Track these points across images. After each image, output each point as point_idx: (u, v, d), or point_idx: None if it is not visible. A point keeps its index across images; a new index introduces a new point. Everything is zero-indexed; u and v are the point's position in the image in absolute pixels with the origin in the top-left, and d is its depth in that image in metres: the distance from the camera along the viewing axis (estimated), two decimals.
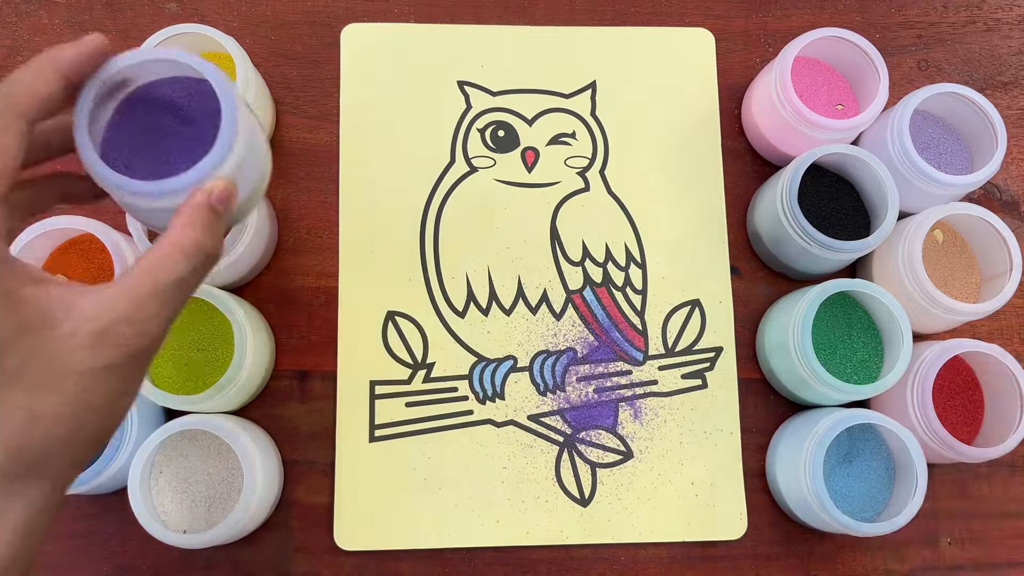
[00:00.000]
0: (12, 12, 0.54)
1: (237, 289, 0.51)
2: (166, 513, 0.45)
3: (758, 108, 0.53)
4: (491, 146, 0.53)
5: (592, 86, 0.54)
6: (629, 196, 0.53)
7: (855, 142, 0.52)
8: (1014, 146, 0.56)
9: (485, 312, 0.51)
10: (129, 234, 0.45)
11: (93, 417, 0.28)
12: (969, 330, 0.53)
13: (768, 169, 0.55)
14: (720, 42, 0.57)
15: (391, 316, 0.51)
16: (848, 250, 0.47)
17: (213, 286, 0.46)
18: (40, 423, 0.27)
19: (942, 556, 0.51)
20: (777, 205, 0.48)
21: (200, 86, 0.35)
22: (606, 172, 0.53)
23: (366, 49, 0.54)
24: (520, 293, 0.51)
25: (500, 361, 0.51)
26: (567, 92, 0.54)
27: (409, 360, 0.50)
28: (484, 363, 0.51)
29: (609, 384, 0.51)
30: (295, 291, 0.51)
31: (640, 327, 0.52)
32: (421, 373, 0.50)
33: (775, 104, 0.50)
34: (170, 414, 0.48)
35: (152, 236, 0.46)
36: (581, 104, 0.54)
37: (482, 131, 0.53)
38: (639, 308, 0.52)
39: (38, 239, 0.45)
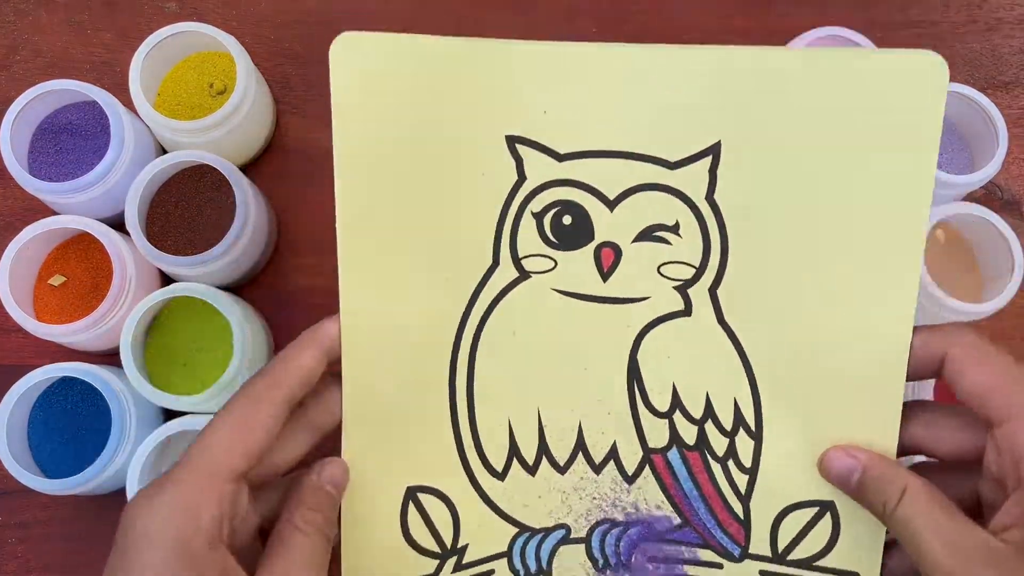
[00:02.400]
0: (11, 11, 0.54)
1: (236, 289, 0.51)
2: None
3: None
4: (552, 240, 0.36)
5: (713, 151, 0.35)
6: (750, 330, 0.36)
7: None
8: (1015, 145, 0.56)
9: (532, 470, 0.38)
10: (127, 233, 0.45)
11: None
12: None
13: None
14: (720, 41, 0.56)
15: (412, 494, 0.38)
16: None
17: (211, 285, 0.46)
18: None
19: None
20: None
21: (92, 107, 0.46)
22: (719, 291, 0.36)
23: (367, 72, 0.36)
24: (580, 445, 0.38)
25: (548, 531, 0.38)
26: (672, 159, 0.35)
27: (436, 548, 0.38)
28: (527, 535, 0.38)
29: (690, 572, 0.38)
30: (294, 291, 0.51)
31: (741, 515, 0.37)
32: (451, 561, 0.38)
33: None
34: (169, 414, 0.48)
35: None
36: (692, 180, 0.35)
37: (539, 216, 0.36)
38: (743, 491, 0.37)
39: (37, 239, 0.45)
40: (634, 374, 0.37)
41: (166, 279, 0.49)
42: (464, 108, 0.36)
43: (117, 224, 0.47)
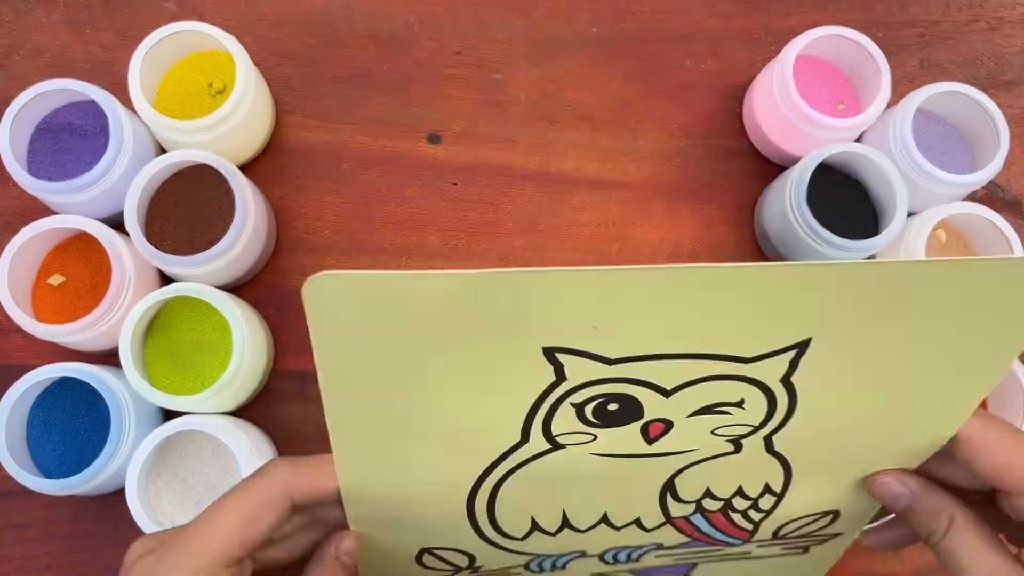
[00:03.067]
0: (10, 10, 0.54)
1: (235, 289, 0.51)
2: (164, 514, 0.45)
3: (759, 107, 0.53)
4: (594, 422, 0.32)
5: (801, 347, 0.30)
6: (798, 455, 0.35)
7: (857, 141, 0.52)
8: (1017, 145, 0.56)
9: (554, 535, 0.37)
10: (127, 233, 0.45)
11: None
12: None
13: (770, 168, 0.55)
14: (721, 40, 0.57)
15: (424, 552, 0.37)
16: (858, 249, 0.46)
17: (211, 286, 0.46)
18: None
19: None
20: (785, 205, 0.48)
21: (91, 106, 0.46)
22: (775, 437, 0.34)
23: (352, 312, 0.27)
24: (604, 520, 0.37)
25: (564, 554, 0.39)
26: (748, 355, 0.30)
27: (451, 569, 0.39)
28: (543, 557, 0.39)
29: (692, 554, 0.40)
30: (294, 291, 0.51)
31: (750, 529, 0.39)
32: (466, 571, 0.39)
33: (776, 103, 0.50)
34: (168, 415, 0.48)
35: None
36: (768, 369, 0.31)
37: (580, 406, 0.31)
38: (756, 521, 0.38)
39: (36, 239, 0.45)
40: (668, 487, 0.36)
41: (165, 279, 0.49)
42: (495, 327, 0.28)
43: (116, 224, 0.47)
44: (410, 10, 0.56)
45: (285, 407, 0.50)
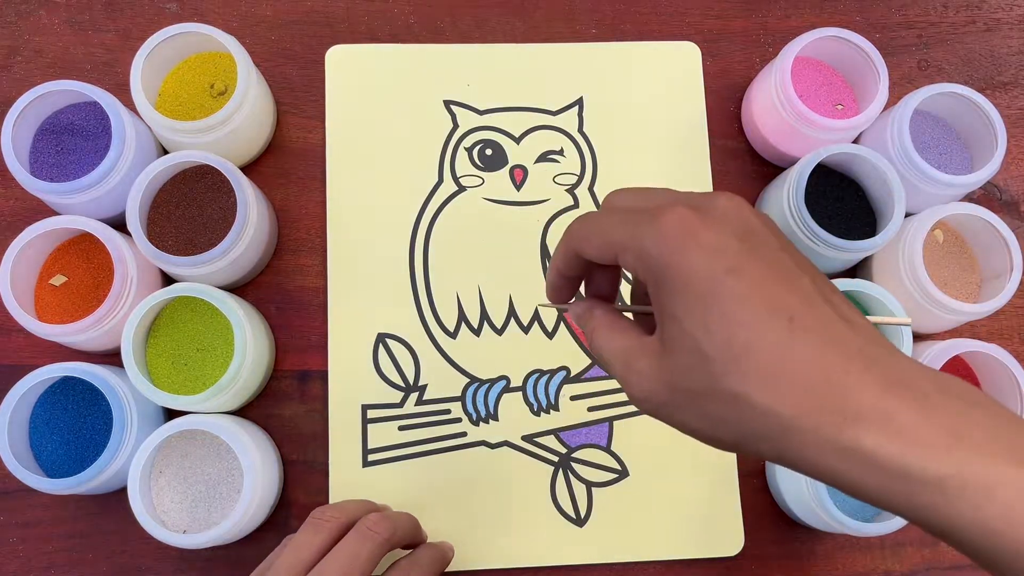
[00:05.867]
0: (12, 12, 0.54)
1: (237, 289, 0.51)
2: (166, 513, 0.45)
3: (758, 108, 0.53)
4: (479, 164, 0.53)
5: (579, 103, 0.54)
6: None
7: (855, 142, 0.52)
8: (1014, 146, 0.56)
9: (477, 332, 0.51)
10: (129, 234, 0.45)
11: None
12: (969, 330, 0.53)
13: (768, 169, 0.55)
14: (719, 42, 0.57)
15: (382, 339, 0.50)
16: (856, 250, 0.47)
17: (213, 286, 0.46)
18: None
19: (942, 556, 0.50)
20: (784, 205, 0.48)
21: (94, 107, 0.48)
22: (595, 189, 0.53)
23: (351, 71, 0.54)
24: (511, 312, 0.51)
25: (493, 382, 0.50)
26: (554, 109, 0.54)
27: (401, 383, 0.50)
28: (476, 384, 0.50)
29: (603, 402, 0.51)
30: (295, 291, 0.52)
31: None
32: (413, 396, 0.50)
33: (775, 104, 0.50)
34: (170, 414, 0.48)
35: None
36: (568, 121, 0.54)
37: (469, 150, 0.53)
38: None
39: (38, 239, 0.45)
40: (544, 254, 0.52)
41: (167, 279, 0.50)
42: (417, 86, 0.54)
43: (118, 224, 0.48)
44: (411, 11, 0.56)
45: (286, 407, 0.50)
